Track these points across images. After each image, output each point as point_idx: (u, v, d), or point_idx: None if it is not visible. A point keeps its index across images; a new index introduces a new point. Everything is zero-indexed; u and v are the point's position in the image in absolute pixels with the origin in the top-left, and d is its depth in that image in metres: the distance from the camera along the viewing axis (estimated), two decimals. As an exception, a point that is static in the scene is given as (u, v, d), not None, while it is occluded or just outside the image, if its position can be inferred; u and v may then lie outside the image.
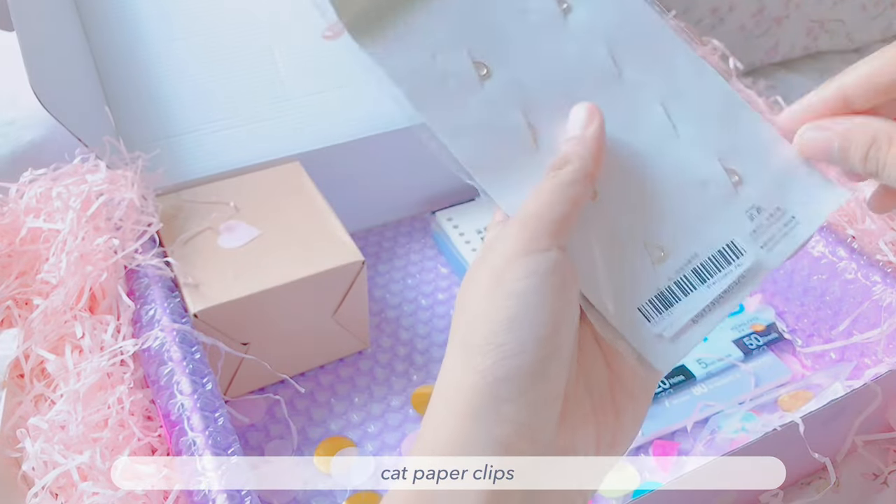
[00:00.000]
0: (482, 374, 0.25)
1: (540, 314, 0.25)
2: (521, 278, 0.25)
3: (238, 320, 0.51)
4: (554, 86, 0.29)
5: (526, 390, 0.25)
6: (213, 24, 0.65)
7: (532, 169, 0.28)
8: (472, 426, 0.25)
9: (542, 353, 0.25)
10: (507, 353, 0.25)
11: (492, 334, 0.25)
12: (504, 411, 0.25)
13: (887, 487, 0.51)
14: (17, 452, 0.42)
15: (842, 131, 0.30)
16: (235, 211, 0.56)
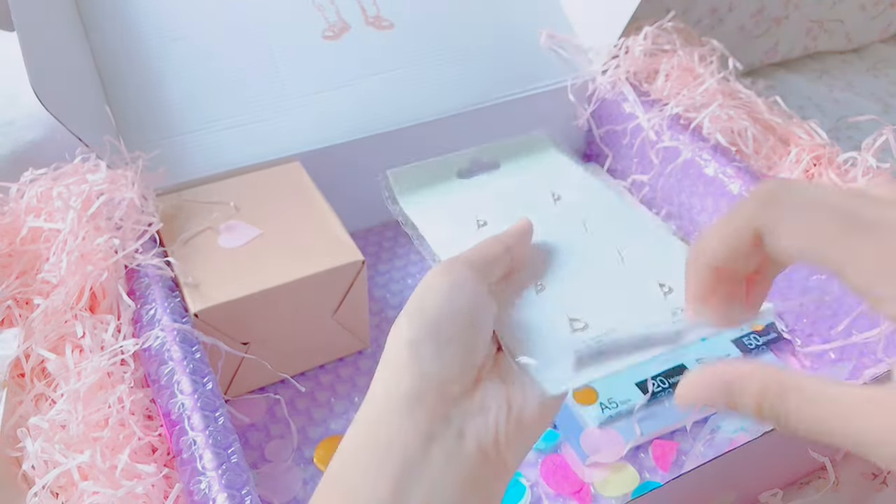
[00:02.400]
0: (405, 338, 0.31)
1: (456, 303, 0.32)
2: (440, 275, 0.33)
3: (238, 320, 0.51)
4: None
5: (441, 353, 0.31)
6: (212, 24, 0.65)
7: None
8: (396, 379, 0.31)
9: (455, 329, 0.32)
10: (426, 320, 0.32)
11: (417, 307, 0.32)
12: (422, 366, 0.31)
13: (886, 487, 0.51)
14: (18, 452, 0.42)
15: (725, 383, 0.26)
16: (235, 211, 0.56)
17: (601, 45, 0.73)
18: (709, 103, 0.66)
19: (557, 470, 0.52)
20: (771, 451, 0.46)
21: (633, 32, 0.73)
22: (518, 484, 0.51)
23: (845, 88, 1.02)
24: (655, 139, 0.67)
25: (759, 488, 0.50)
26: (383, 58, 0.68)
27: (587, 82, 0.73)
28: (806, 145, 0.63)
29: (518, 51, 0.73)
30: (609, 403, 0.53)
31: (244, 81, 0.64)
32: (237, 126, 0.62)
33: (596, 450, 0.52)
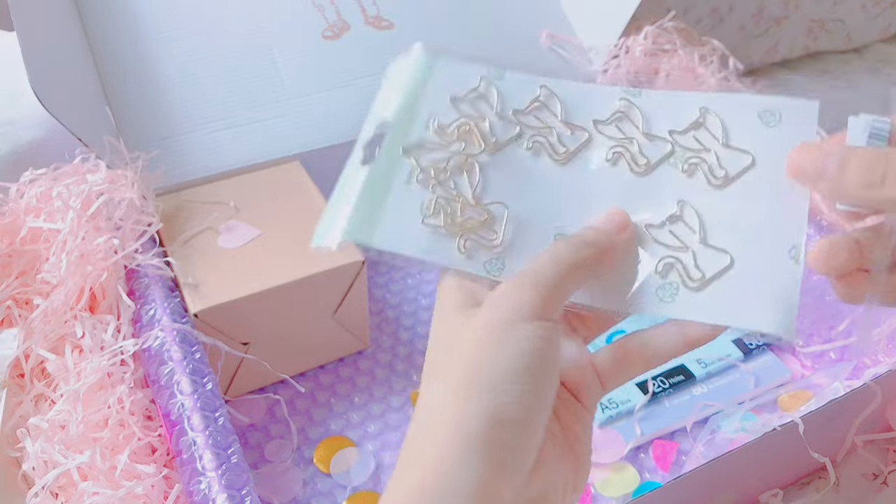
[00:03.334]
0: (488, 415, 0.26)
1: (544, 372, 0.27)
2: (535, 338, 0.27)
3: (238, 320, 0.51)
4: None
5: (517, 436, 0.26)
6: (212, 24, 0.65)
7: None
8: (464, 467, 0.25)
9: (541, 408, 0.27)
10: (510, 397, 0.26)
11: (501, 381, 0.26)
12: (496, 453, 0.26)
13: (887, 487, 0.51)
14: (18, 452, 0.42)
15: (840, 150, 0.28)
16: (235, 211, 0.56)
17: (601, 45, 0.73)
18: (709, 103, 0.66)
19: (557, 470, 0.51)
20: (771, 451, 0.46)
21: (633, 32, 0.73)
22: (518, 484, 0.51)
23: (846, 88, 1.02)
24: (656, 139, 0.67)
25: (759, 488, 0.50)
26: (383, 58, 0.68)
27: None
28: (806, 145, 0.63)
29: (518, 51, 0.73)
30: (609, 403, 0.53)
31: (244, 81, 0.64)
32: (237, 126, 0.62)
33: (596, 450, 0.52)
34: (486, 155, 0.34)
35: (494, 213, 0.33)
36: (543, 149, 0.34)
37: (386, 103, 0.36)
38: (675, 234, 0.31)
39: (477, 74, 0.36)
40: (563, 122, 0.35)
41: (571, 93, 0.35)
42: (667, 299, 0.30)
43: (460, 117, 0.35)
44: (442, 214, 0.32)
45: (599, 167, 0.34)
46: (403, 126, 0.35)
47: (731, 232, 0.31)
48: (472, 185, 0.33)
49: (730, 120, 0.33)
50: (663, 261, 0.31)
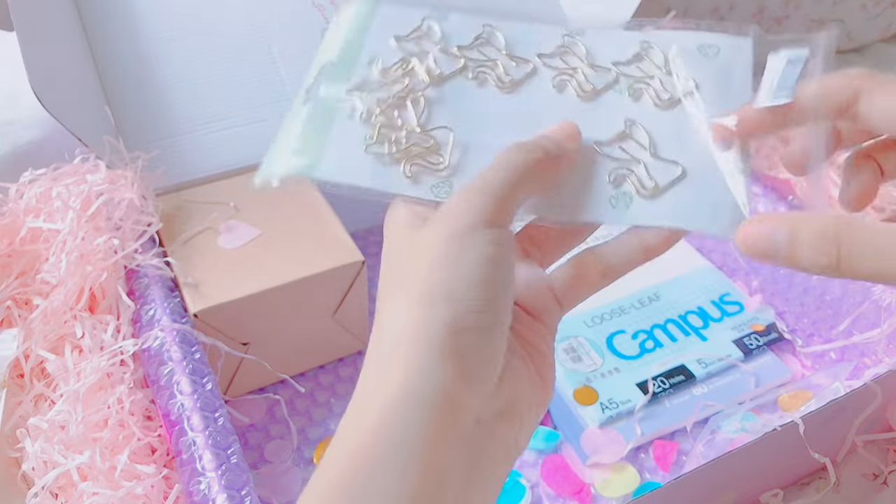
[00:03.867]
0: (445, 324, 0.26)
1: (497, 280, 0.27)
2: (489, 244, 0.27)
3: (238, 320, 0.51)
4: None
5: (483, 345, 0.26)
6: (212, 24, 0.65)
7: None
8: (427, 376, 0.25)
9: (500, 314, 0.27)
10: (473, 307, 0.26)
11: (462, 290, 0.26)
12: (461, 363, 0.26)
13: (887, 487, 0.51)
14: (17, 452, 0.42)
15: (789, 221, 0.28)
16: (235, 211, 0.56)
17: (601, 45, 0.73)
18: (709, 103, 0.66)
19: (558, 470, 0.51)
20: (771, 452, 0.46)
21: (633, 32, 0.73)
22: (518, 485, 0.51)
23: (846, 88, 1.02)
24: (656, 139, 0.67)
25: (759, 488, 0.50)
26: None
27: (587, 82, 0.73)
28: (806, 145, 0.63)
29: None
30: (609, 403, 0.53)
31: (244, 81, 0.64)
32: (237, 126, 0.62)
33: (596, 450, 0.52)
34: (431, 88, 0.34)
35: (439, 138, 0.33)
36: (489, 78, 0.35)
37: (329, 47, 0.36)
38: (625, 150, 0.32)
39: (420, 15, 0.37)
40: (508, 56, 0.35)
41: (515, 30, 0.36)
42: (621, 207, 0.31)
43: (403, 56, 0.35)
44: (386, 143, 0.32)
45: (546, 93, 0.34)
46: (346, 65, 0.35)
47: (680, 146, 0.32)
48: (418, 115, 0.33)
49: (671, 53, 0.35)
50: (615, 172, 0.32)
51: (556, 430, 0.54)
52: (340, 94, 0.34)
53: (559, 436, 0.53)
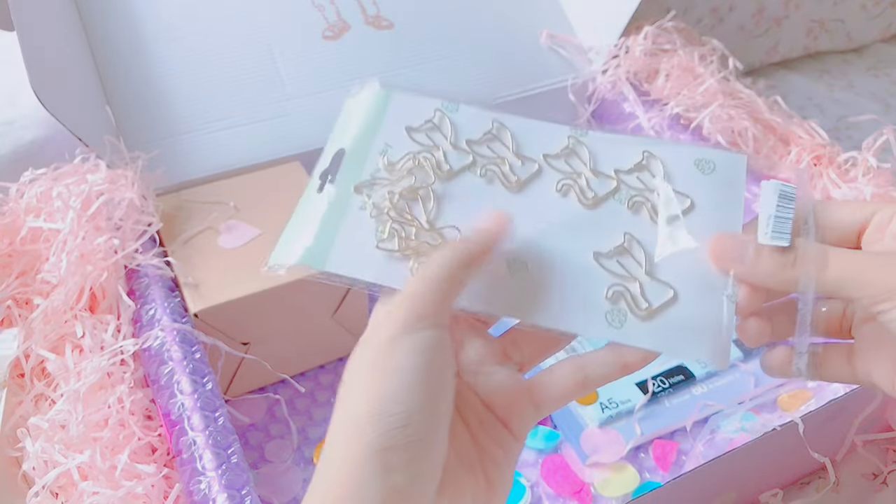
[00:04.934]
0: (370, 444, 0.26)
1: (425, 388, 0.27)
2: (408, 354, 0.27)
3: (238, 320, 0.51)
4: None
5: (412, 460, 0.26)
6: (213, 24, 0.65)
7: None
8: (359, 496, 0.25)
9: (426, 425, 0.27)
10: (394, 423, 0.26)
11: (380, 405, 0.26)
12: (391, 480, 0.26)
13: (887, 487, 0.51)
14: (18, 452, 0.42)
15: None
16: (235, 211, 0.56)
17: (601, 45, 0.73)
18: (709, 103, 0.66)
19: (558, 470, 0.52)
20: (771, 451, 0.46)
21: (633, 32, 0.73)
22: (518, 484, 0.51)
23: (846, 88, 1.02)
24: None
25: (759, 488, 0.50)
26: (383, 58, 0.68)
27: (587, 82, 0.73)
28: (806, 145, 0.63)
29: (518, 51, 0.73)
30: (609, 403, 0.53)
31: (244, 81, 0.64)
32: (237, 126, 0.62)
33: (596, 450, 0.52)
34: (440, 183, 0.35)
35: (447, 236, 0.34)
36: (496, 177, 0.35)
37: (343, 133, 0.37)
38: (622, 265, 0.33)
39: (432, 107, 0.37)
40: (515, 154, 0.36)
41: (522, 127, 0.37)
42: (615, 325, 0.32)
43: (415, 150, 0.36)
44: (396, 238, 0.33)
45: (550, 197, 0.35)
46: (359, 154, 0.36)
47: (673, 268, 0.33)
48: (427, 211, 0.34)
49: (670, 164, 0.35)
50: (612, 288, 0.32)
51: (555, 429, 0.54)
52: (353, 186, 0.35)
53: (559, 435, 0.53)
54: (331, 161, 0.36)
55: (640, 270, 0.33)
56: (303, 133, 0.63)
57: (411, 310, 0.28)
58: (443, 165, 0.35)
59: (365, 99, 0.38)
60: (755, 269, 0.31)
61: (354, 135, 0.37)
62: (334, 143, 0.37)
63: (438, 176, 0.35)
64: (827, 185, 0.60)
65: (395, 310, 0.29)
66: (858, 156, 0.60)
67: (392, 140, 0.36)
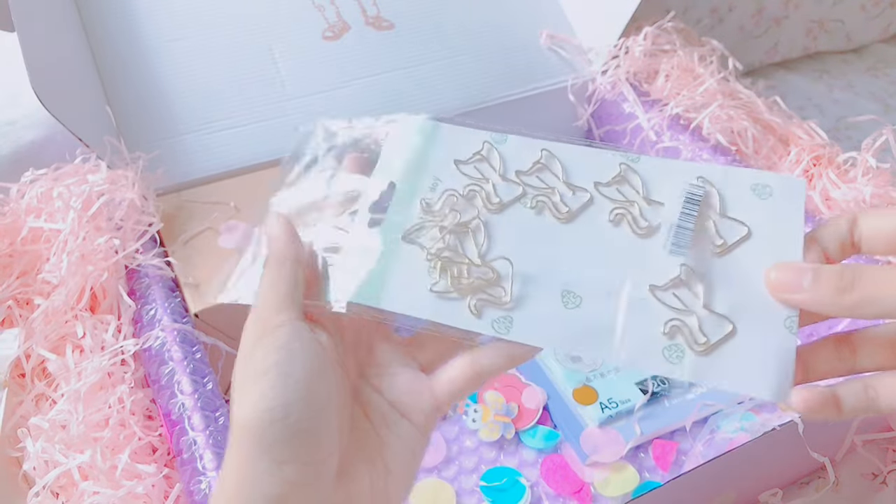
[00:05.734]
0: (257, 443, 0.27)
1: (295, 379, 0.28)
2: (267, 354, 0.29)
3: (238, 320, 0.51)
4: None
5: (300, 449, 0.28)
6: (213, 24, 0.65)
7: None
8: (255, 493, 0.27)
9: (307, 414, 0.28)
10: (275, 417, 0.27)
11: (257, 405, 0.28)
12: (283, 472, 0.27)
13: (886, 487, 0.51)
14: (18, 452, 0.42)
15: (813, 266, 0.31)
16: (235, 211, 0.56)
17: (601, 46, 0.73)
18: (709, 103, 0.66)
19: (557, 470, 0.52)
20: (771, 451, 0.46)
21: (633, 32, 0.73)
22: (518, 484, 0.51)
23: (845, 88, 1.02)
24: (655, 139, 0.67)
25: (759, 488, 0.50)
26: (383, 58, 0.68)
27: (587, 82, 0.73)
28: (806, 145, 0.63)
29: (518, 51, 0.73)
30: (609, 403, 0.53)
31: (244, 81, 0.64)
32: (237, 126, 0.62)
33: (596, 449, 0.52)
34: (491, 215, 0.35)
35: (500, 270, 0.33)
36: (547, 207, 0.35)
37: (389, 167, 0.37)
38: (679, 298, 0.32)
39: (480, 139, 0.37)
40: (565, 183, 0.36)
41: (572, 155, 0.36)
42: (674, 360, 0.31)
43: (465, 183, 0.36)
44: (449, 278, 0.33)
45: (602, 227, 0.34)
46: (409, 189, 0.36)
47: (731, 299, 0.32)
48: (478, 245, 0.34)
49: (725, 191, 0.34)
50: (670, 323, 0.31)
51: (555, 429, 0.54)
52: (404, 223, 0.35)
53: (559, 435, 0.53)
54: (379, 195, 0.36)
55: (697, 303, 0.32)
56: (303, 133, 0.63)
57: (259, 317, 0.31)
58: (492, 198, 0.35)
59: (410, 128, 0.38)
60: (815, 296, 0.30)
61: (402, 170, 0.37)
62: (381, 177, 0.37)
63: (489, 209, 0.35)
64: (826, 185, 0.60)
65: (248, 323, 0.32)
66: (858, 156, 0.60)
67: (441, 174, 0.36)
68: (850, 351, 0.32)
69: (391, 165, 0.37)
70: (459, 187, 0.36)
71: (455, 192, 0.35)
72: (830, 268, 0.30)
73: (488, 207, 0.35)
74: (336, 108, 0.65)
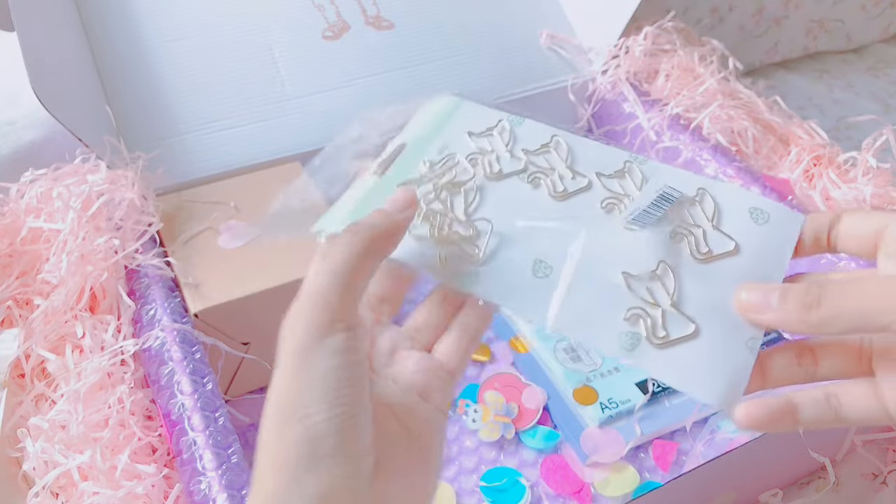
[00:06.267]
0: (298, 439, 0.27)
1: (343, 386, 0.28)
2: (330, 355, 0.28)
3: (238, 320, 0.51)
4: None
5: (340, 446, 0.27)
6: (213, 24, 0.65)
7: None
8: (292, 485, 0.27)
9: (352, 414, 0.28)
10: (322, 417, 0.27)
11: (304, 406, 0.28)
12: (323, 467, 0.27)
13: (886, 487, 0.51)
14: (18, 452, 0.42)
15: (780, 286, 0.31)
16: (235, 211, 0.56)
17: (601, 46, 0.73)
18: (709, 103, 0.66)
19: (557, 470, 0.52)
20: (771, 451, 0.46)
21: (633, 32, 0.73)
22: (518, 484, 0.51)
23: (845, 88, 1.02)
24: (655, 139, 0.67)
25: (759, 488, 0.50)
26: (383, 58, 0.68)
27: (587, 82, 0.73)
28: (806, 145, 0.63)
29: (518, 51, 0.73)
30: (609, 403, 0.53)
31: (244, 81, 0.64)
32: (237, 126, 0.62)
33: (596, 449, 0.52)
34: (488, 182, 0.36)
35: (480, 228, 0.34)
36: (543, 184, 0.36)
37: (409, 130, 0.39)
38: (650, 290, 0.33)
39: (497, 117, 0.39)
40: (568, 167, 0.36)
41: (581, 145, 0.37)
42: (626, 346, 0.31)
43: (473, 150, 0.37)
44: (429, 226, 0.34)
45: (593, 210, 0.35)
46: (417, 152, 0.37)
47: (700, 305, 0.32)
48: (467, 203, 0.35)
49: (723, 206, 0.35)
50: (632, 310, 0.32)
51: (555, 429, 0.54)
52: (403, 176, 0.36)
53: (559, 435, 0.53)
54: (390, 153, 0.38)
55: (666, 300, 0.32)
56: (302, 133, 0.63)
57: (319, 313, 0.29)
58: (493, 166, 0.36)
59: (437, 103, 0.40)
60: (782, 316, 0.30)
61: (417, 133, 0.38)
62: (398, 138, 0.39)
63: (488, 176, 0.36)
64: (827, 185, 0.60)
65: (304, 313, 0.30)
66: (858, 156, 0.60)
67: (451, 142, 0.38)
68: (811, 359, 0.32)
69: (409, 131, 0.39)
70: (464, 154, 0.37)
71: (457, 156, 0.37)
72: (797, 286, 0.30)
73: (487, 175, 0.36)
74: (336, 108, 0.65)
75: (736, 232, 0.34)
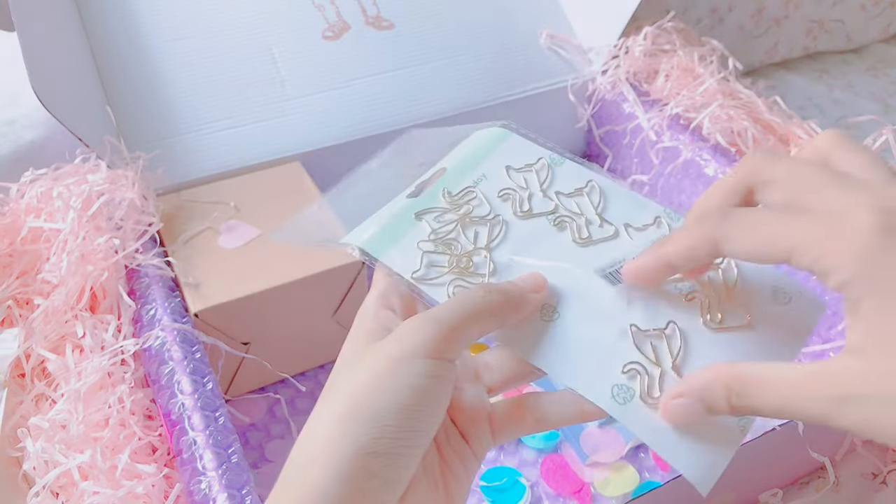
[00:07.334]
0: (361, 446, 0.27)
1: (428, 410, 0.28)
2: (424, 376, 0.28)
3: (238, 320, 0.51)
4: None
5: (389, 469, 0.27)
6: (213, 24, 0.65)
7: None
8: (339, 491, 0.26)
9: (414, 442, 0.28)
10: (389, 433, 0.27)
11: (382, 415, 0.27)
12: (368, 484, 0.27)
13: (886, 487, 0.51)
14: (18, 452, 0.42)
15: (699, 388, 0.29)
16: (235, 211, 0.56)
17: (601, 46, 0.73)
18: (709, 103, 0.66)
19: (557, 470, 0.52)
20: (771, 451, 0.46)
21: (633, 32, 0.73)
22: (518, 484, 0.51)
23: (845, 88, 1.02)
24: (655, 139, 0.67)
25: (759, 488, 0.50)
26: (383, 58, 0.68)
27: (587, 82, 0.73)
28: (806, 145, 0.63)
29: (518, 51, 0.73)
30: (609, 403, 0.53)
31: (244, 81, 0.64)
32: (237, 126, 0.62)
33: (596, 449, 0.52)
34: (516, 219, 0.36)
35: (496, 261, 0.34)
36: (569, 228, 0.36)
37: (453, 155, 0.39)
38: (654, 348, 0.32)
39: (538, 154, 0.39)
40: (597, 214, 0.36)
41: (615, 193, 0.37)
42: (619, 400, 0.31)
43: (506, 186, 0.37)
44: (447, 255, 0.34)
45: (614, 263, 0.34)
46: (456, 178, 0.38)
47: None
48: (490, 237, 0.35)
49: (747, 278, 0.34)
50: (632, 365, 0.31)
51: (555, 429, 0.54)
52: (428, 203, 0.37)
53: (559, 435, 0.53)
54: (430, 176, 0.38)
55: (668, 361, 0.31)
56: (303, 133, 0.63)
57: (434, 338, 0.29)
58: (524, 205, 0.36)
59: (485, 133, 0.40)
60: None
61: (459, 160, 0.39)
62: (442, 162, 0.39)
63: (517, 214, 0.36)
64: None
65: (422, 331, 0.29)
66: (858, 156, 0.60)
67: (490, 173, 0.38)
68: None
69: (452, 157, 0.39)
70: (498, 188, 0.37)
71: (477, 190, 0.37)
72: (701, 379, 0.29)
73: (516, 213, 0.36)
74: (336, 108, 0.65)
75: (753, 308, 0.33)
